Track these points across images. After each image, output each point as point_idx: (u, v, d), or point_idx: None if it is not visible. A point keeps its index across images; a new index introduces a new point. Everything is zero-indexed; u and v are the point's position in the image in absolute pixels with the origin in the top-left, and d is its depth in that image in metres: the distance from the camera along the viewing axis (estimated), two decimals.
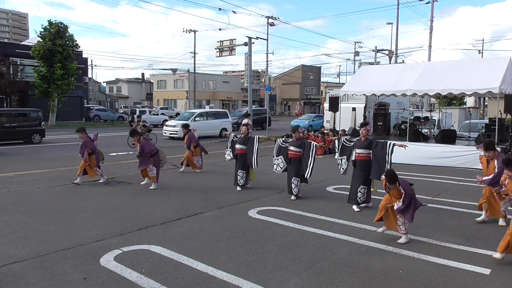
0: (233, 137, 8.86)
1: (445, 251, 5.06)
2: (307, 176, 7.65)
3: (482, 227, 6.02)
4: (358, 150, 7.13)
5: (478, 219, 6.28)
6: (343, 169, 7.47)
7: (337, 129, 15.90)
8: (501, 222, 6.05)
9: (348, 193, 7.38)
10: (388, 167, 6.64)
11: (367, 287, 4.07)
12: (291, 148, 7.78)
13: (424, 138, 13.93)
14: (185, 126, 11.24)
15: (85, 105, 38.18)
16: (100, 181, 9.07)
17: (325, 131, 16.68)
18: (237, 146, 8.63)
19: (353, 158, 7.22)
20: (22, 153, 14.96)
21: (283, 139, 8.19)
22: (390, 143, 6.91)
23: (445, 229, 5.95)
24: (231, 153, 8.81)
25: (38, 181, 9.35)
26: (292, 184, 7.74)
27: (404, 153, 12.57)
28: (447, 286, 4.11)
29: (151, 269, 4.42)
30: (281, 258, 4.78)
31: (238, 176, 8.61)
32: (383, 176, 5.37)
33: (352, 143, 7.30)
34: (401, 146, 6.97)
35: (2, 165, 11.64)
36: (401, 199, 5.07)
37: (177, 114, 50.93)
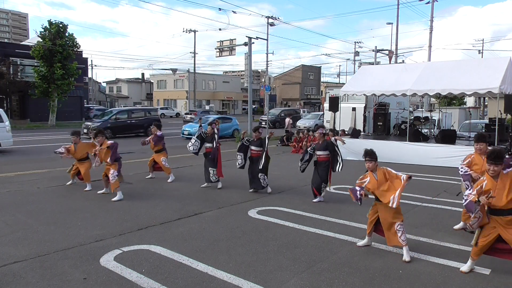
0: (202, 134, 8.87)
1: (445, 251, 5.06)
2: (260, 167, 8.08)
3: None
4: (318, 152, 7.70)
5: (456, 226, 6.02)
6: (303, 168, 7.88)
7: (337, 129, 15.89)
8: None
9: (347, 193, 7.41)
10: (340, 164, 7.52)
11: (367, 287, 4.07)
12: (252, 147, 8.29)
13: (424, 138, 13.92)
14: None
15: (85, 105, 38.19)
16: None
17: (325, 131, 16.64)
18: (207, 145, 8.74)
19: (315, 158, 7.80)
20: (23, 152, 14.96)
21: (246, 139, 8.55)
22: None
23: (445, 229, 5.95)
24: (197, 148, 8.82)
25: (38, 181, 9.35)
26: (260, 180, 8.18)
27: (404, 153, 12.66)
28: (447, 286, 4.11)
29: (151, 269, 4.42)
30: (281, 258, 4.78)
31: (210, 173, 8.68)
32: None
33: (312, 151, 7.82)
34: (341, 140, 7.81)
35: (2, 165, 11.64)
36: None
37: (177, 114, 49.96)
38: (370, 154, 5.02)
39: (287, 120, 21.43)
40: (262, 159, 8.12)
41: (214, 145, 8.56)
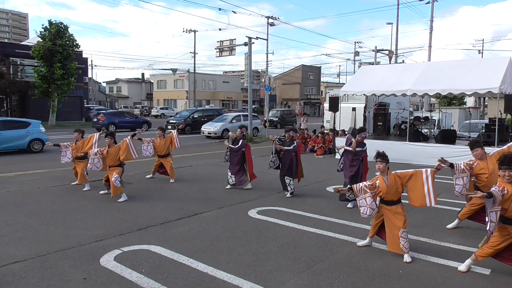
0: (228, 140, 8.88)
1: (445, 251, 5.06)
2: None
3: (482, 227, 6.01)
4: (358, 149, 7.44)
5: (450, 225, 6.10)
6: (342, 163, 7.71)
7: (337, 129, 15.90)
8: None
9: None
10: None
11: (367, 287, 4.07)
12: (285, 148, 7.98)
13: (424, 138, 13.92)
14: None
15: (85, 105, 38.16)
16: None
17: (325, 131, 16.67)
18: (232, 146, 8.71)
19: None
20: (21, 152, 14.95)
21: (279, 137, 8.36)
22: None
23: (445, 229, 5.95)
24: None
25: (38, 181, 9.35)
26: (286, 182, 8.03)
27: (404, 153, 12.65)
28: (447, 286, 4.11)
29: (151, 269, 4.42)
30: (281, 258, 4.78)
31: (228, 175, 8.71)
32: None
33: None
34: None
35: (2, 165, 11.64)
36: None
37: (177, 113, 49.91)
38: (382, 155, 4.94)
39: (302, 119, 22.56)
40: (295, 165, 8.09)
41: (238, 148, 8.47)
